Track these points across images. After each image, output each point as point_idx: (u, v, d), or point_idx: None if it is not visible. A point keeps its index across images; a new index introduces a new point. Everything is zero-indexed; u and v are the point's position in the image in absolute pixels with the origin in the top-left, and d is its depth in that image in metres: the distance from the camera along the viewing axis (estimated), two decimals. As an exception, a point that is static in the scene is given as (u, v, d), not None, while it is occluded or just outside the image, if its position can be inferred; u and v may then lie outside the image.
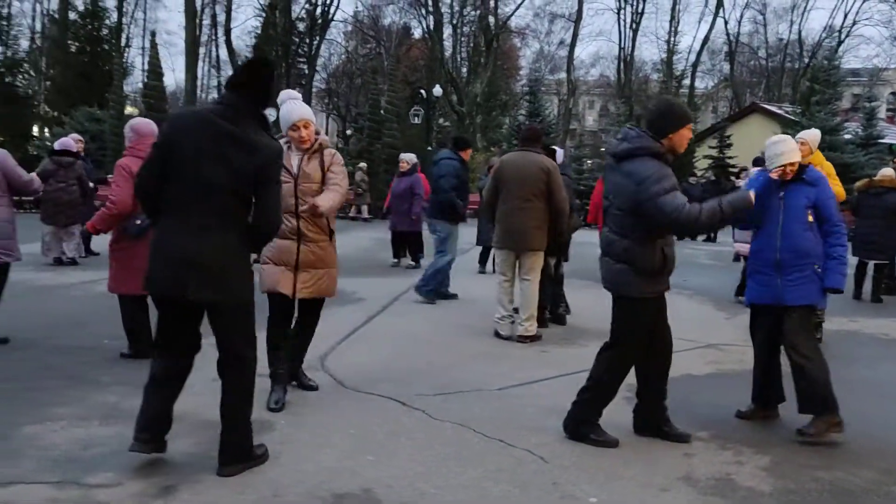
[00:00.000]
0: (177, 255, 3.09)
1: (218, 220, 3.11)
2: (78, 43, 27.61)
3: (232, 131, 3.09)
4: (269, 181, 3.18)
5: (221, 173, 3.07)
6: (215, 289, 3.11)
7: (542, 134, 6.51)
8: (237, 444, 3.28)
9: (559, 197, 6.07)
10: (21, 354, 5.22)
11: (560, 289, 7.17)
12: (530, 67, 43.05)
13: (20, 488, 3.04)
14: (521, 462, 3.55)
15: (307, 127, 4.10)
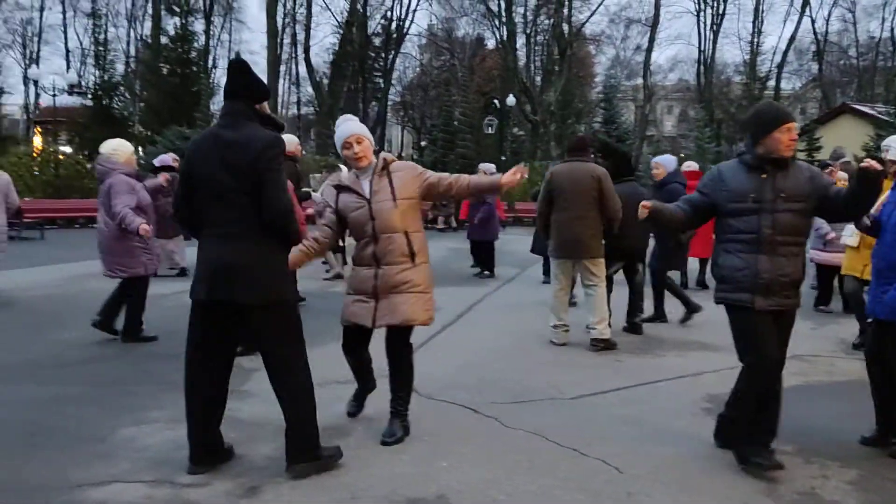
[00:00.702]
0: (209, 265, 3.28)
1: (241, 226, 3.23)
2: (169, 66, 28.92)
3: (228, 137, 3.25)
4: (265, 171, 3.19)
5: (228, 179, 3.20)
6: (241, 291, 3.20)
7: (590, 143, 6.60)
8: (298, 443, 3.33)
9: (612, 204, 6.14)
10: (119, 360, 5.54)
11: (637, 298, 7.07)
12: (606, 74, 42.52)
13: (118, 487, 3.25)
14: (593, 471, 3.55)
15: (360, 142, 3.88)
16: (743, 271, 3.55)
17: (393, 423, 3.95)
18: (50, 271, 10.70)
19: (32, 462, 3.52)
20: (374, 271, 3.83)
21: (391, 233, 3.82)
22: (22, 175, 20.98)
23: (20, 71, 44.71)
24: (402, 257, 3.83)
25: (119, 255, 6.14)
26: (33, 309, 7.68)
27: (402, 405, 4.00)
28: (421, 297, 3.85)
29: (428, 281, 3.94)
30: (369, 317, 3.84)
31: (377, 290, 3.82)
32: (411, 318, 3.83)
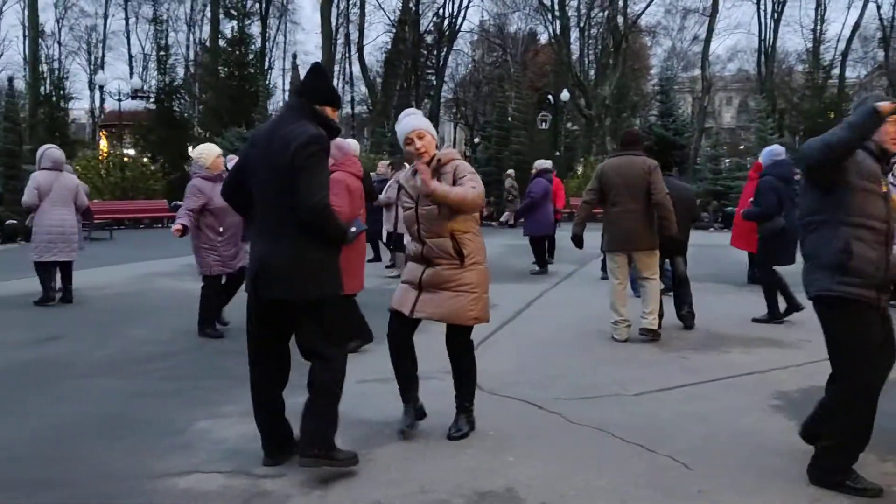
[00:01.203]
0: (253, 262, 3.36)
1: (287, 223, 3.23)
2: (227, 68, 29.58)
3: (274, 131, 3.29)
4: (302, 167, 3.14)
5: (268, 175, 3.26)
6: (284, 287, 3.24)
7: (642, 137, 6.62)
8: (312, 434, 3.28)
9: (661, 196, 6.14)
10: (192, 356, 5.73)
11: (683, 291, 6.97)
12: (662, 66, 41.85)
13: (197, 477, 3.38)
14: (663, 468, 3.53)
15: (421, 137, 3.78)
16: (876, 264, 3.14)
17: (459, 418, 3.97)
18: (120, 270, 11.09)
19: (117, 452, 3.68)
20: (423, 268, 3.83)
21: (436, 237, 3.78)
22: (91, 178, 21.77)
23: (86, 77, 46.29)
24: (451, 259, 3.77)
25: (195, 253, 6.57)
26: (107, 307, 7.99)
27: (468, 400, 4.00)
28: (468, 296, 3.76)
29: (480, 281, 3.83)
30: (409, 304, 3.81)
31: (422, 283, 3.81)
32: (453, 315, 3.75)
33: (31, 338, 6.37)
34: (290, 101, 3.43)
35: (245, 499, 3.15)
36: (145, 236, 18.28)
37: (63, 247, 8.03)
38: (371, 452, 3.68)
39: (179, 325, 6.86)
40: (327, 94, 3.47)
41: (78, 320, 7.21)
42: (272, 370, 3.46)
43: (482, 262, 3.89)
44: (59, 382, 5.00)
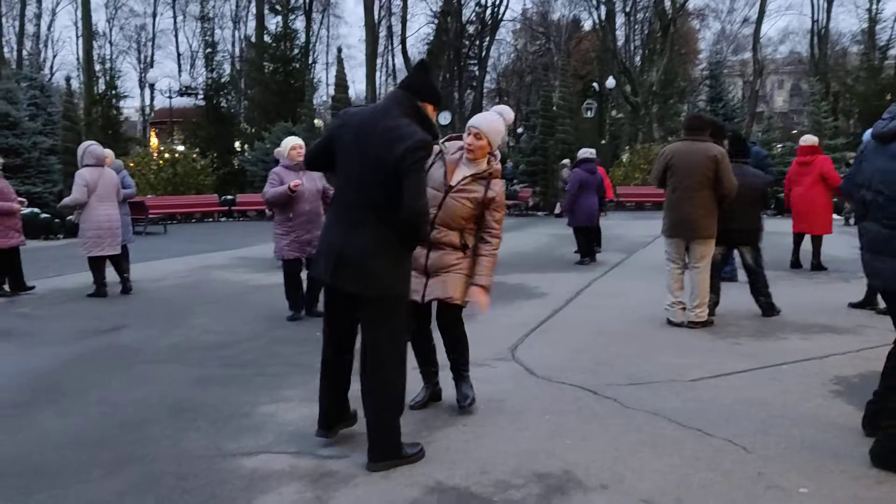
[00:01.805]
0: (332, 246, 3.32)
1: (370, 213, 3.23)
2: (272, 64, 29.95)
3: (380, 123, 3.23)
4: (410, 170, 3.13)
5: (369, 166, 3.21)
6: (357, 280, 3.25)
7: (709, 122, 6.47)
8: (379, 441, 3.33)
9: (728, 185, 6.05)
10: (251, 344, 5.91)
11: (756, 279, 6.87)
12: (711, 50, 41.13)
13: (266, 457, 3.52)
14: (720, 451, 3.55)
15: (478, 138, 3.87)
16: None
17: (462, 386, 4.16)
18: (175, 263, 11.39)
19: (188, 434, 3.84)
20: (427, 252, 3.92)
21: (447, 228, 3.92)
22: (144, 174, 22.33)
23: (136, 75, 47.44)
24: (454, 247, 3.96)
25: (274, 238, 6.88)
26: (166, 298, 8.24)
27: (464, 368, 4.18)
28: (466, 280, 3.97)
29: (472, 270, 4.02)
30: (420, 293, 3.93)
31: (427, 269, 3.95)
32: (451, 294, 3.93)
33: (98, 327, 6.63)
34: (395, 93, 3.39)
35: (313, 478, 3.27)
36: (197, 230, 18.71)
37: (111, 241, 8.29)
38: (431, 435, 3.78)
39: (236, 315, 7.07)
40: (432, 91, 3.47)
41: (140, 310, 7.47)
42: (341, 351, 3.53)
43: None
44: (129, 369, 5.22)
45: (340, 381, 3.57)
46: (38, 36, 43.14)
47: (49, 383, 4.86)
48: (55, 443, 3.75)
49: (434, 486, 3.18)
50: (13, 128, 17.58)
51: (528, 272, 9.74)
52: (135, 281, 8.86)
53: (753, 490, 3.13)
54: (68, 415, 4.21)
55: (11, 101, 18.16)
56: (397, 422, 3.39)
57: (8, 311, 7.51)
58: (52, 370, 5.19)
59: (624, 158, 28.95)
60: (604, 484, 3.20)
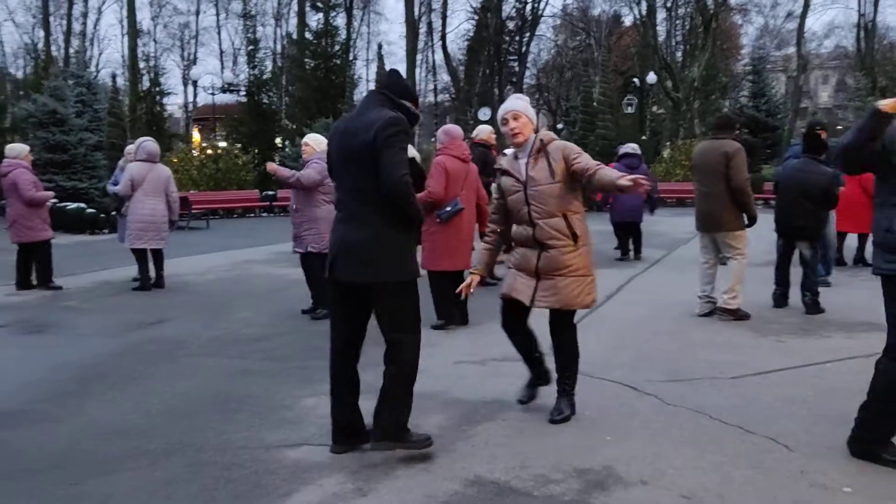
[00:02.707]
0: (334, 245, 3.43)
1: (365, 209, 3.30)
2: (313, 60, 30.24)
3: (355, 121, 3.37)
4: (383, 146, 3.19)
5: (353, 160, 3.31)
6: (361, 271, 3.29)
7: (734, 122, 6.80)
8: (387, 422, 3.35)
9: (736, 180, 6.22)
10: (292, 338, 5.99)
11: (808, 276, 6.77)
12: (753, 45, 40.32)
13: (307, 449, 3.58)
14: (763, 449, 3.51)
15: (517, 118, 3.85)
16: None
17: (560, 401, 3.98)
18: (218, 258, 11.59)
19: (232, 425, 3.92)
20: (539, 252, 3.82)
21: (548, 217, 3.77)
22: (188, 170, 22.73)
23: (179, 73, 48.23)
24: (565, 239, 3.78)
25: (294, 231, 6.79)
26: (209, 292, 8.39)
27: (569, 383, 4.01)
28: (583, 281, 3.81)
29: (589, 264, 3.88)
30: (529, 294, 3.85)
31: (539, 271, 3.83)
32: (572, 302, 3.81)
33: (143, 320, 6.79)
34: (370, 95, 3.54)
35: (353, 470, 3.31)
36: (239, 225, 18.99)
37: (153, 235, 8.44)
38: (472, 429, 3.80)
39: (278, 309, 7.16)
40: (406, 89, 3.54)
41: (184, 304, 7.62)
42: (347, 349, 3.54)
43: (587, 243, 3.91)
44: (174, 361, 5.33)
45: (352, 393, 3.54)
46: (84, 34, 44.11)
47: (96, 374, 4.99)
48: (104, 432, 3.86)
49: (474, 480, 3.20)
50: (61, 124, 18.04)
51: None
52: (178, 275, 9.04)
53: (796, 488, 3.09)
54: (116, 405, 4.33)
55: (59, 99, 18.62)
56: (409, 404, 3.41)
57: (56, 304, 7.72)
58: (99, 362, 5.33)
59: (665, 154, 28.60)
60: (644, 480, 3.19)
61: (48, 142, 17.61)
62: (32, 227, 8.37)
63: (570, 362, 4.01)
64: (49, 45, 37.58)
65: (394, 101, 3.44)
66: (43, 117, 17.94)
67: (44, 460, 3.49)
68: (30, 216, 8.36)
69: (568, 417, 3.93)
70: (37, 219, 8.43)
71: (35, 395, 4.53)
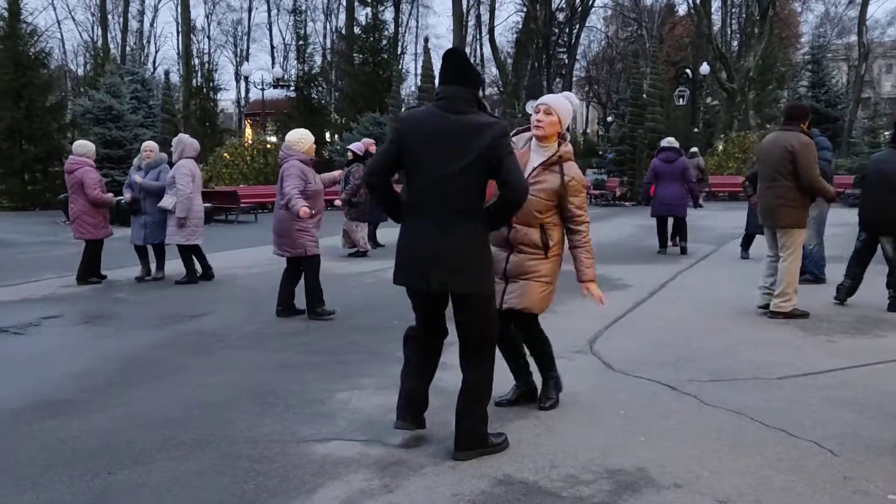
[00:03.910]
0: (422, 253, 3.24)
1: (457, 213, 3.18)
2: (362, 55, 30.45)
3: (458, 120, 3.18)
4: (503, 155, 3.15)
5: (454, 162, 3.14)
6: (456, 281, 3.22)
7: (806, 110, 6.41)
8: (471, 431, 3.35)
9: (805, 174, 6.02)
10: (328, 333, 6.02)
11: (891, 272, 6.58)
12: (813, 33, 39.15)
13: (338, 444, 3.58)
14: (805, 453, 3.38)
15: (548, 113, 3.78)
16: None
17: (545, 387, 4.05)
18: (264, 251, 11.66)
19: (265, 418, 3.95)
20: (507, 255, 3.83)
21: (527, 225, 3.77)
22: (238, 164, 23.11)
23: (232, 69, 49.12)
24: (536, 249, 3.81)
25: (283, 235, 6.59)
26: (253, 285, 8.51)
27: (547, 367, 4.05)
28: (546, 288, 3.84)
29: (554, 271, 3.88)
30: (498, 297, 3.77)
31: (507, 273, 3.84)
32: (533, 305, 3.83)
33: (188, 312, 6.91)
34: (457, 91, 3.26)
35: (381, 466, 3.30)
36: (288, 219, 19.21)
37: (202, 230, 8.72)
38: (503, 427, 3.74)
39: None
40: (480, 80, 3.43)
41: (227, 297, 7.73)
42: (428, 351, 3.52)
43: (560, 253, 3.92)
44: (214, 353, 5.41)
45: (427, 380, 3.53)
46: (141, 32, 45.25)
47: (140, 365, 5.10)
48: (143, 422, 3.92)
49: (502, 479, 3.15)
50: (116, 120, 18.55)
51: (611, 264, 9.53)
52: (223, 268, 9.20)
53: (838, 494, 2.97)
54: (156, 396, 4.40)
55: (115, 95, 19.15)
56: (487, 412, 3.43)
57: (106, 296, 7.92)
58: (142, 353, 5.43)
59: (718, 147, 27.96)
60: (678, 483, 3.10)
61: (104, 137, 18.11)
62: (95, 224, 8.62)
63: (541, 352, 4.04)
64: (107, 42, 38.66)
65: (479, 99, 3.32)
66: (99, 113, 18.47)
67: (83, 449, 3.57)
68: (93, 213, 8.61)
69: (556, 401, 4.03)
70: (99, 216, 8.71)
71: (80, 385, 4.64)
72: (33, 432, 3.80)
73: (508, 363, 4.08)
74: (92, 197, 8.48)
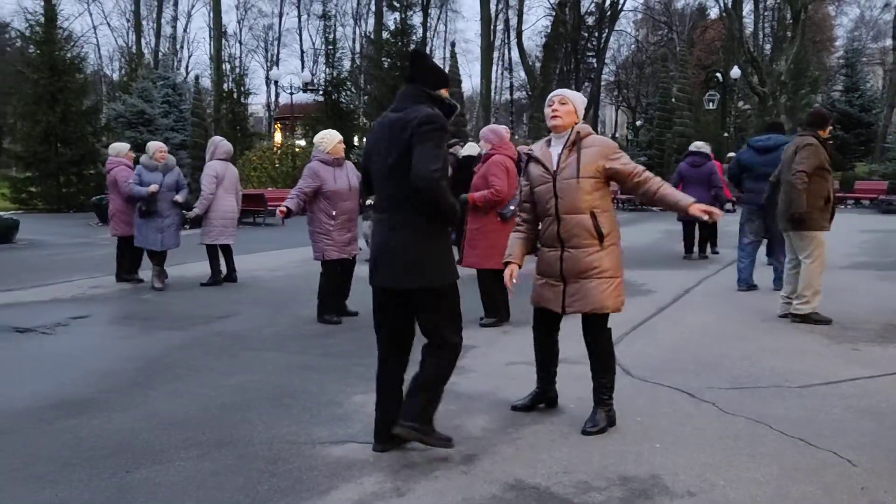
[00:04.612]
0: (375, 249, 3.38)
1: (402, 209, 3.25)
2: (390, 59, 30.56)
3: (392, 118, 3.29)
4: (418, 141, 3.14)
5: (388, 158, 3.26)
6: (398, 276, 3.27)
7: (825, 117, 6.40)
8: (414, 406, 3.34)
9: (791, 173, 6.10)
10: (350, 335, 6.05)
11: None
12: (848, 37, 38.55)
13: (352, 446, 3.60)
14: (823, 463, 3.33)
15: (563, 103, 3.73)
16: None
17: (596, 412, 3.79)
18: (290, 254, 11.83)
19: (283, 419, 3.99)
20: (560, 253, 3.70)
21: (575, 213, 3.64)
22: (266, 167, 23.34)
23: (262, 73, 49.66)
24: (590, 239, 3.64)
25: (310, 238, 6.65)
26: (277, 287, 8.59)
27: (605, 393, 3.80)
28: (611, 283, 3.65)
29: (617, 264, 3.71)
30: (559, 301, 3.72)
31: (564, 274, 3.70)
32: (601, 305, 3.65)
33: (212, 314, 7.00)
34: (404, 90, 3.40)
35: (394, 469, 3.32)
36: (315, 222, 19.34)
37: (231, 231, 8.81)
38: (517, 431, 3.75)
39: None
40: (437, 75, 3.47)
41: (252, 299, 7.82)
42: (393, 352, 3.53)
43: (616, 242, 3.75)
44: (236, 354, 5.47)
45: (397, 387, 3.53)
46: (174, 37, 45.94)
47: (163, 366, 5.17)
48: (162, 422, 3.99)
49: (514, 484, 3.15)
50: (148, 124, 18.86)
51: (636, 268, 9.46)
52: (248, 271, 9.31)
53: (855, 506, 2.92)
54: (176, 396, 4.47)
55: (146, 100, 19.46)
56: (438, 399, 3.44)
57: (133, 297, 8.06)
58: (165, 353, 5.52)
59: (748, 152, 27.56)
60: (692, 491, 3.07)
61: (136, 141, 18.35)
62: (129, 221, 8.76)
63: (605, 369, 3.81)
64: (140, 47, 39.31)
65: (429, 94, 3.36)
66: (131, 117, 18.80)
67: (102, 448, 3.63)
68: (128, 211, 8.77)
69: (604, 429, 3.73)
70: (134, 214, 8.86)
71: (104, 385, 4.73)
72: (55, 431, 3.88)
73: (538, 366, 4.02)
74: (125, 193, 8.65)
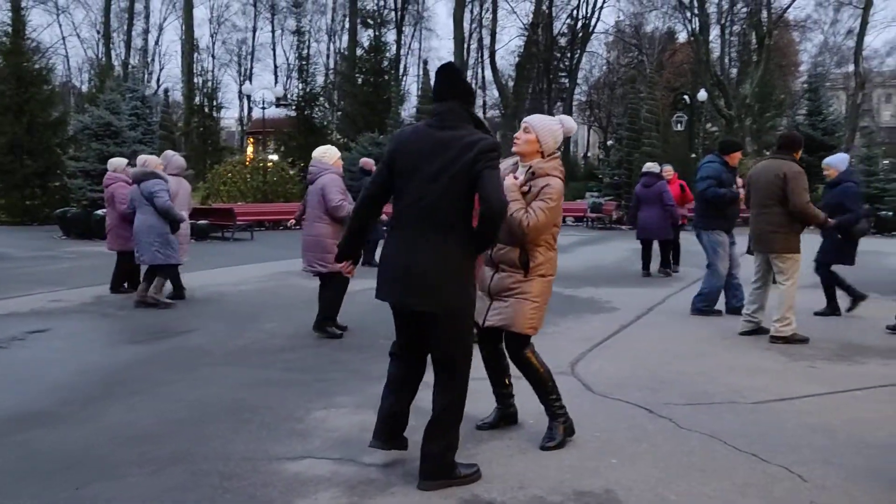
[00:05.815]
0: (395, 268, 3.24)
1: (435, 229, 3.15)
2: (363, 75, 30.68)
3: (445, 136, 3.17)
4: (485, 168, 3.08)
5: (437, 178, 3.12)
6: (426, 298, 3.16)
7: (799, 141, 6.56)
8: (436, 458, 3.27)
9: (795, 201, 6.15)
10: (314, 351, 6.03)
11: None
12: (812, 62, 39.45)
13: (309, 462, 3.58)
14: (774, 479, 3.39)
15: (526, 131, 3.77)
16: None
17: (552, 426, 3.84)
18: (258, 269, 11.77)
19: (240, 435, 3.96)
20: (492, 273, 3.82)
21: (507, 244, 3.72)
22: (236, 181, 23.18)
23: (235, 87, 49.46)
24: (514, 268, 3.74)
25: (319, 250, 6.53)
26: (243, 302, 8.53)
27: (553, 404, 3.85)
28: (529, 305, 3.72)
29: (542, 291, 3.76)
30: (482, 315, 3.78)
31: (490, 290, 3.81)
32: (516, 322, 3.72)
33: (174, 328, 6.93)
34: (450, 106, 3.26)
35: (350, 485, 3.30)
36: (284, 237, 19.24)
37: (186, 248, 8.66)
38: (476, 447, 3.76)
39: (307, 320, 7.17)
40: (473, 94, 3.42)
41: (215, 314, 7.75)
42: (409, 369, 3.47)
43: (549, 275, 3.81)
44: (196, 369, 5.42)
45: (403, 397, 3.47)
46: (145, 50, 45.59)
47: (121, 380, 5.10)
48: (118, 437, 3.93)
49: (469, 499, 3.16)
50: (115, 136, 18.62)
51: (601, 286, 9.58)
52: (213, 285, 9.22)
53: (803, 521, 2.98)
54: (134, 410, 4.41)
55: (114, 112, 19.24)
56: (457, 439, 3.34)
57: (94, 311, 7.93)
58: (125, 367, 5.44)
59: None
60: (644, 506, 3.11)
61: (102, 153, 18.16)
62: (126, 236, 8.68)
63: (537, 384, 3.86)
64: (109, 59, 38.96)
65: (474, 116, 3.32)
66: (98, 129, 18.56)
67: (56, 462, 3.57)
68: (124, 226, 8.70)
69: (562, 443, 3.77)
70: (130, 229, 8.74)
71: (61, 398, 4.65)
72: (8, 444, 3.81)
73: (491, 382, 4.05)
74: (120, 211, 8.67)
